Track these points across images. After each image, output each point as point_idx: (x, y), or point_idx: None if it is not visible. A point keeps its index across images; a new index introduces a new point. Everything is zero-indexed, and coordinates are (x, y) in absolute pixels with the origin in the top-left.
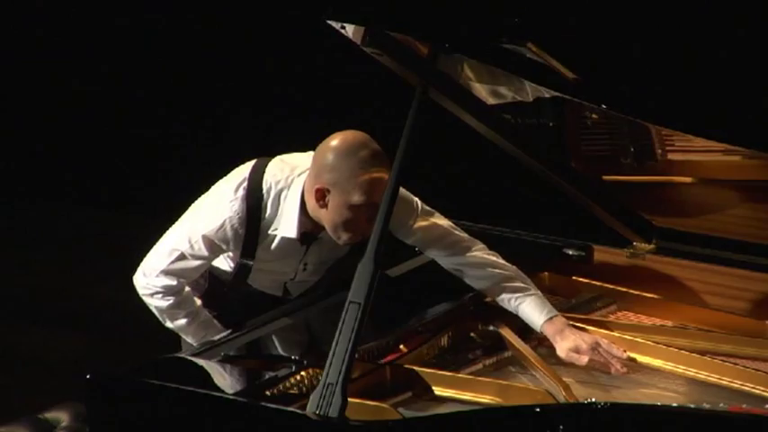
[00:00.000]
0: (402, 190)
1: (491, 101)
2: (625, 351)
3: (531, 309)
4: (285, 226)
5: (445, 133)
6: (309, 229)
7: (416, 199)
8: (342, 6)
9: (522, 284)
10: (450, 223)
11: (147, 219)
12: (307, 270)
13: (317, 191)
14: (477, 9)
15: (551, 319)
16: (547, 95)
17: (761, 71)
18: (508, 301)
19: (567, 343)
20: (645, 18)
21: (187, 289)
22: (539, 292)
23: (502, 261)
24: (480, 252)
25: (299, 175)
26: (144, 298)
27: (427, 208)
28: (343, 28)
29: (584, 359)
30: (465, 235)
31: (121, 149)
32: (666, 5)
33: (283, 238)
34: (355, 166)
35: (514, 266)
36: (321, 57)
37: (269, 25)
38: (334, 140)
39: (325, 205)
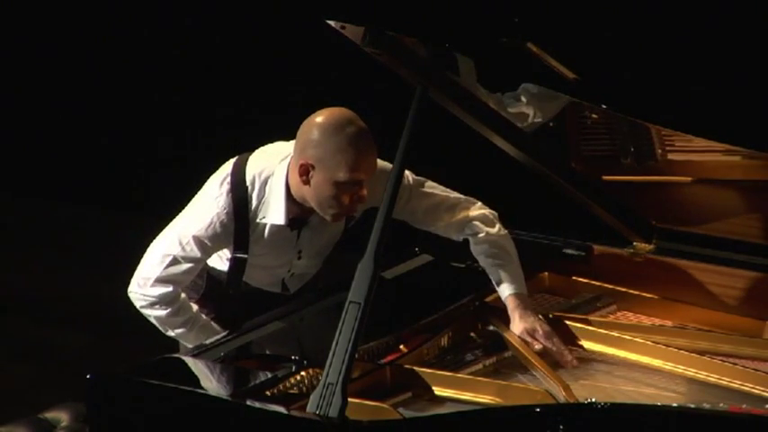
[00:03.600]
0: (387, 164)
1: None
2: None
3: (505, 277)
4: (273, 213)
5: (445, 133)
6: (297, 214)
7: (406, 172)
8: (342, 6)
9: (507, 252)
10: (442, 187)
11: (148, 219)
12: (302, 259)
13: (301, 166)
14: (476, 9)
15: (519, 294)
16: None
17: (761, 71)
18: (487, 263)
19: (524, 323)
20: (645, 18)
21: (183, 295)
22: (518, 265)
23: (496, 223)
24: (475, 210)
25: (281, 161)
26: (142, 310)
27: (418, 179)
28: (344, 28)
29: (537, 344)
30: (459, 196)
31: (122, 149)
32: (666, 5)
33: (274, 226)
34: (341, 143)
35: (506, 232)
36: (321, 57)
37: (269, 25)
38: (320, 117)
39: (308, 181)
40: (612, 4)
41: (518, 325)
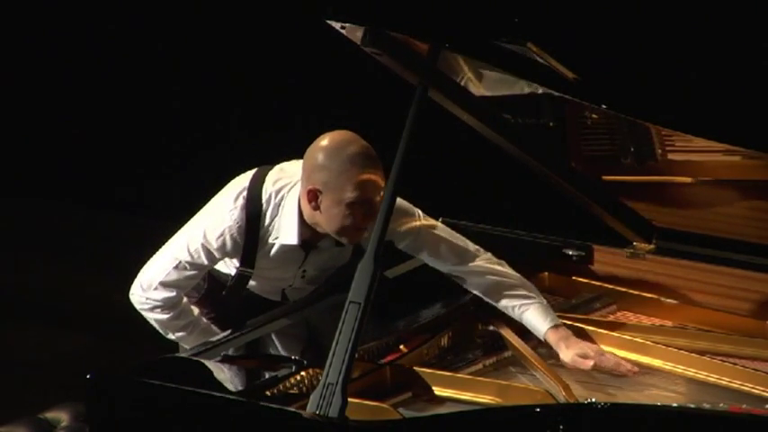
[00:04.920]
0: (403, 201)
1: (494, 92)
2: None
3: (535, 316)
4: (285, 233)
5: (445, 133)
6: (308, 237)
7: (418, 210)
8: (342, 6)
9: (527, 292)
10: (453, 232)
11: (148, 219)
12: (305, 277)
13: (309, 192)
14: (477, 9)
15: (556, 326)
16: (544, 93)
17: (761, 71)
18: (512, 308)
19: (573, 349)
20: (645, 18)
21: (185, 300)
22: (543, 300)
23: (507, 269)
24: (485, 261)
25: (296, 183)
26: (143, 313)
27: (429, 218)
28: (344, 28)
29: (589, 362)
30: (469, 243)
31: (123, 150)
32: (666, 5)
33: (283, 246)
34: (344, 164)
35: (519, 275)
36: (320, 57)
37: (269, 26)
38: (323, 141)
39: (317, 207)
40: (612, 5)
41: (567, 353)
